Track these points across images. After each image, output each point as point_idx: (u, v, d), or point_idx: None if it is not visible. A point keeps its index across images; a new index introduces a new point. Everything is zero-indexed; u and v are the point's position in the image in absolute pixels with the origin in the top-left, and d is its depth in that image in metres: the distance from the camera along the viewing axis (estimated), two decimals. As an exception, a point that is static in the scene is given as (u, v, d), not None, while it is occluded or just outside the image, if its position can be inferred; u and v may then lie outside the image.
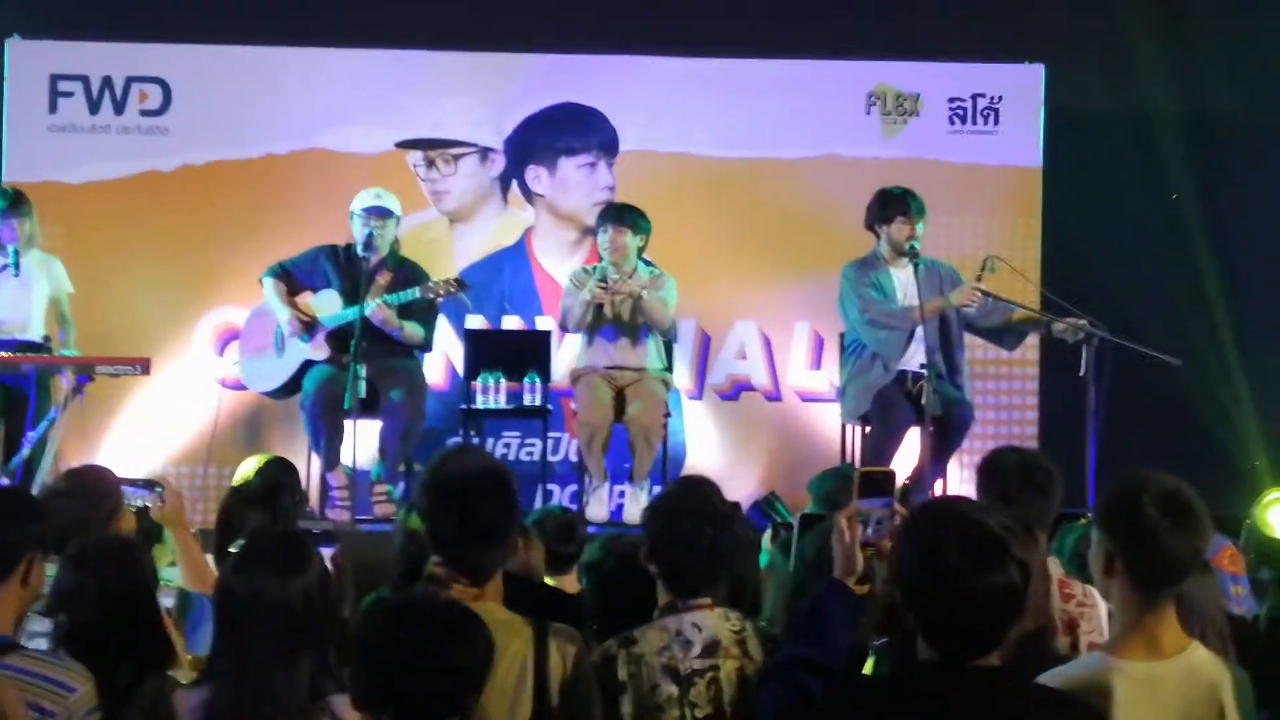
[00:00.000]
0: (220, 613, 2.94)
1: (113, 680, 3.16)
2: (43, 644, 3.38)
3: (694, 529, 3.31)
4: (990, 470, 3.90)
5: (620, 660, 3.25)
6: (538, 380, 7.22)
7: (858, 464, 6.94)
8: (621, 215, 7.11)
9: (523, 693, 3.08)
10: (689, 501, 3.40)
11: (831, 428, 7.48)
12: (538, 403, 7.22)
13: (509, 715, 3.05)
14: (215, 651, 2.94)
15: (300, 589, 2.87)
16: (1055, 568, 3.93)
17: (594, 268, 7.25)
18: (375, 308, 6.81)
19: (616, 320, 7.08)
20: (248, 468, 5.07)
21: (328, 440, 6.85)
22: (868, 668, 3.13)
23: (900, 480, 6.72)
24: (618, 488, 7.20)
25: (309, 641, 2.87)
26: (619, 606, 3.65)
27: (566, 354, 7.63)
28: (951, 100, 8.25)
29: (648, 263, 7.22)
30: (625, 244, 7.04)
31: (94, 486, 4.19)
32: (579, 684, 3.14)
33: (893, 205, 6.95)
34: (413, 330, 7.01)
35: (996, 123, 8.23)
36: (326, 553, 4.41)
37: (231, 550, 3.03)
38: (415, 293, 6.89)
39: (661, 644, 3.25)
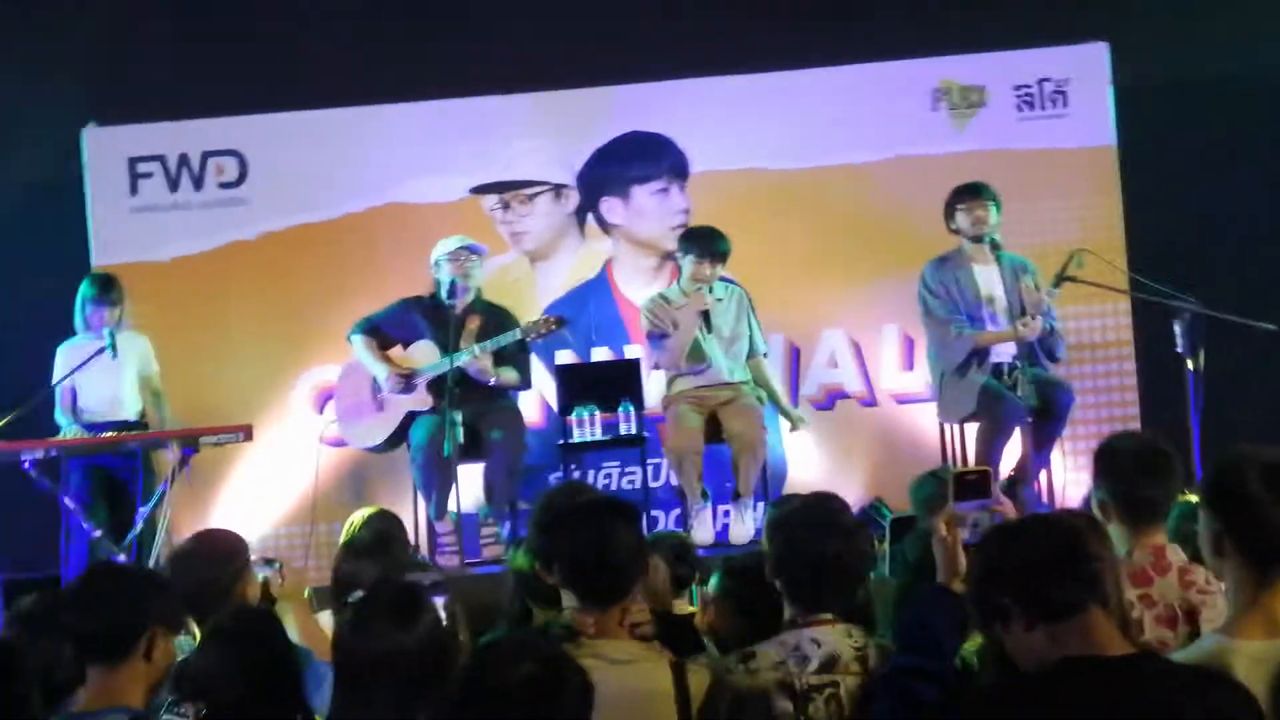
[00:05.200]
0: (340, 670, 2.98)
1: None
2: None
3: (818, 544, 3.30)
4: (1107, 456, 3.80)
5: (738, 676, 3.24)
6: (631, 409, 7.23)
7: (959, 464, 6.90)
8: (713, 249, 7.06)
9: None
10: (814, 516, 3.38)
11: (932, 429, 7.42)
12: (633, 431, 7.23)
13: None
14: (335, 713, 2.99)
15: (415, 641, 2.91)
16: (1176, 555, 3.68)
17: (663, 295, 7.25)
18: (471, 359, 6.87)
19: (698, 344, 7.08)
20: (354, 521, 5.12)
21: (439, 489, 6.88)
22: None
23: (1005, 474, 6.76)
24: (722, 508, 7.18)
25: (427, 694, 2.88)
26: (755, 626, 3.58)
27: (657, 380, 7.65)
28: (1017, 87, 8.16)
29: (722, 278, 7.26)
30: (708, 275, 7.07)
31: (221, 546, 4.22)
32: (715, 714, 3.16)
33: (960, 195, 6.99)
34: (508, 375, 7.05)
35: (1065, 105, 8.13)
36: (439, 602, 4.44)
37: (347, 605, 3.07)
38: (516, 334, 6.95)
39: (778, 659, 3.24)
